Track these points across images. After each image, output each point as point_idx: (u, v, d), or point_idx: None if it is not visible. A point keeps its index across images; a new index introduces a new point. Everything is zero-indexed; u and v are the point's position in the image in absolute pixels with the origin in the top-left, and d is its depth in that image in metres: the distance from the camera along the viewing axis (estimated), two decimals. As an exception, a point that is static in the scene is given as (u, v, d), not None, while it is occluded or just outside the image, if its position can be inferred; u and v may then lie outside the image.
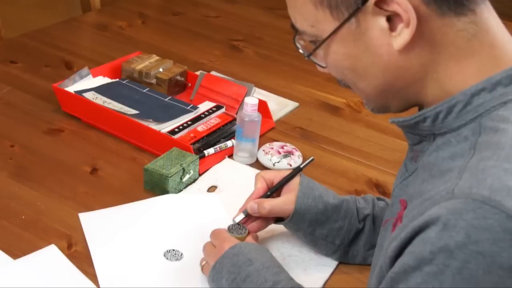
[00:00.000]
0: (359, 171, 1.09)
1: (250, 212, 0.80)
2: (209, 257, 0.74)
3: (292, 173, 0.82)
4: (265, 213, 0.79)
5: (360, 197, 0.85)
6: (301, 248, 0.87)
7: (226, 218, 0.89)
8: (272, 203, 0.79)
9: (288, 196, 0.80)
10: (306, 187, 0.80)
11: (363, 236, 0.81)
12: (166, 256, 0.82)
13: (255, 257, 0.71)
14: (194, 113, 1.12)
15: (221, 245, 0.73)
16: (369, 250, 0.82)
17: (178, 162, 0.96)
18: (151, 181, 0.96)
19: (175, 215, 0.90)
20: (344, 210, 0.81)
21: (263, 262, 0.71)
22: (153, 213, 0.90)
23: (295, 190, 0.80)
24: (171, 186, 0.95)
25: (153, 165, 0.96)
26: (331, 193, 0.82)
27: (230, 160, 1.07)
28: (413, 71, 0.54)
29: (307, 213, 0.79)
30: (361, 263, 0.84)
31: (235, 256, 0.71)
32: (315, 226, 0.80)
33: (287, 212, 0.79)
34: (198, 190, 0.98)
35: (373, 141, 1.18)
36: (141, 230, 0.86)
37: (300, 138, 1.16)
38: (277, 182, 0.82)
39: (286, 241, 0.87)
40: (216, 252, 0.73)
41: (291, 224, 0.81)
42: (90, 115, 1.10)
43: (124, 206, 0.91)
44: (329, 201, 0.80)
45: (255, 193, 0.81)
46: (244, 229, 0.80)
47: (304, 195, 0.79)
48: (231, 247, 0.72)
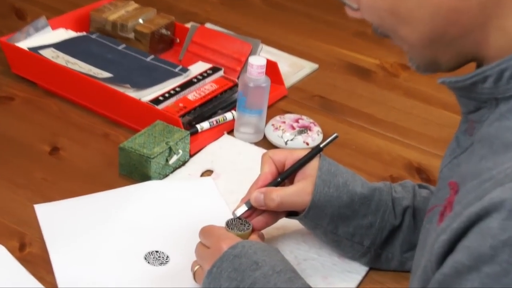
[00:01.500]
0: (395, 152, 1.09)
1: (255, 204, 0.79)
2: (203, 260, 0.74)
3: (309, 154, 0.81)
4: (273, 206, 0.78)
5: (397, 184, 0.85)
6: (320, 249, 0.86)
7: (225, 211, 0.89)
8: (282, 194, 0.78)
9: (304, 184, 0.79)
10: (327, 172, 0.79)
11: (400, 235, 0.81)
12: (147, 259, 0.82)
13: (262, 259, 0.70)
14: (184, 77, 1.13)
15: (218, 244, 0.72)
16: (408, 252, 0.82)
17: (163, 140, 0.96)
18: (128, 163, 0.96)
19: (159, 208, 0.90)
20: (376, 202, 0.80)
21: (272, 265, 0.70)
22: (131, 205, 0.90)
23: (312, 176, 0.79)
24: (154, 170, 0.95)
25: (131, 143, 0.96)
26: (359, 180, 0.82)
27: (230, 137, 1.08)
28: (471, 15, 0.53)
29: (328, 206, 0.78)
30: (398, 269, 0.84)
31: (237, 258, 0.70)
32: (338, 223, 0.80)
33: (302, 204, 0.79)
34: (189, 176, 0.98)
35: (414, 114, 1.18)
36: (115, 226, 0.86)
37: (319, 110, 1.17)
38: (290, 166, 0.81)
39: (302, 240, 0.87)
40: (212, 254, 0.72)
41: (307, 220, 0.80)
42: (49, 78, 1.10)
43: (93, 196, 0.91)
44: (357, 191, 0.80)
45: (261, 180, 0.81)
46: (247, 225, 0.79)
47: (324, 183, 0.78)
48: (231, 247, 0.71)
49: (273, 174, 0.81)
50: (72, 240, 0.83)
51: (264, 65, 1.02)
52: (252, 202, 0.79)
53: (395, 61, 1.29)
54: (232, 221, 0.80)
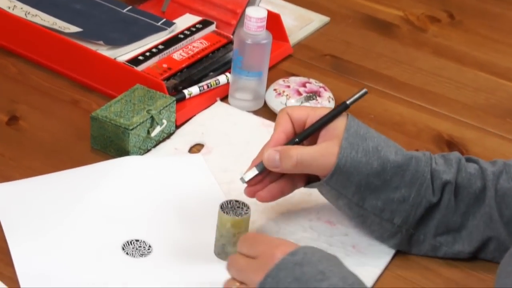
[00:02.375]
0: (422, 122, 1.09)
1: (268, 165, 0.80)
2: (247, 273, 0.72)
3: (333, 111, 0.82)
4: (291, 165, 0.79)
5: (439, 155, 0.86)
6: (331, 237, 0.87)
7: (218, 193, 0.90)
8: (302, 152, 0.80)
9: (328, 144, 0.81)
10: (355, 134, 0.80)
11: (436, 214, 0.82)
12: (125, 249, 0.83)
13: (329, 270, 0.69)
14: (169, 33, 1.13)
15: (270, 251, 0.71)
16: (443, 235, 0.83)
17: (144, 108, 0.97)
18: (102, 136, 0.96)
19: (139, 189, 0.91)
20: (412, 173, 0.81)
21: (342, 276, 0.69)
22: (105, 185, 0.90)
23: (338, 137, 0.80)
24: (133, 144, 0.95)
25: (104, 111, 0.96)
26: (393, 146, 0.83)
27: (224, 105, 1.08)
28: None
29: (355, 173, 0.80)
30: (429, 254, 0.85)
31: (298, 267, 0.69)
32: (366, 194, 0.81)
33: (324, 167, 0.80)
34: (175, 151, 0.99)
35: (445, 76, 1.18)
36: (87, 211, 0.86)
37: (331, 72, 1.17)
38: (311, 124, 0.82)
39: (309, 226, 0.88)
40: (262, 262, 0.71)
41: (329, 188, 0.81)
42: (5, 34, 1.10)
43: (59, 175, 0.91)
44: (389, 158, 0.81)
45: (273, 140, 0.82)
46: (245, 208, 0.80)
47: (351, 146, 0.80)
48: (290, 253, 0.70)
49: (288, 133, 0.82)
50: (35, 227, 0.84)
51: (264, 18, 1.02)
52: (265, 161, 0.80)
53: (422, 13, 1.30)
54: (227, 204, 0.81)
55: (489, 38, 1.29)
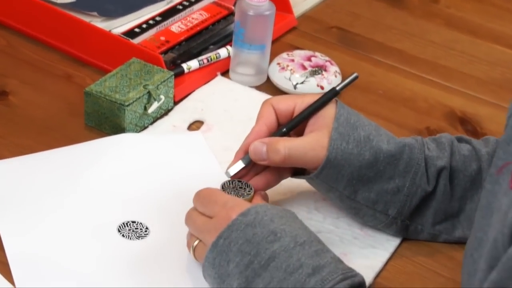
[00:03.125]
0: (433, 98, 1.09)
1: (254, 158, 0.80)
2: (203, 232, 0.74)
3: (322, 98, 0.81)
4: (278, 159, 0.78)
5: (430, 139, 0.85)
6: (337, 219, 0.87)
7: (218, 173, 0.89)
8: (291, 145, 0.79)
9: (316, 135, 0.80)
10: (346, 123, 0.79)
11: (433, 203, 0.82)
12: (121, 232, 0.83)
13: (281, 229, 0.71)
14: (166, 3, 1.13)
15: (223, 212, 0.73)
16: (442, 223, 0.83)
17: (141, 83, 0.97)
18: (96, 112, 0.96)
19: (135, 168, 0.90)
20: (405, 162, 0.81)
21: (294, 235, 0.71)
22: (100, 164, 0.90)
23: (327, 127, 0.79)
24: (128, 120, 0.95)
25: (99, 86, 0.96)
26: (385, 134, 0.82)
27: (225, 80, 1.08)
28: None
29: (346, 166, 0.79)
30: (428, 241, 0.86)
31: (249, 227, 0.70)
32: (358, 187, 0.80)
33: (314, 160, 0.79)
34: (173, 128, 0.99)
35: (458, 50, 1.18)
36: (81, 191, 0.86)
37: (337, 45, 1.16)
38: (298, 114, 0.81)
39: (314, 208, 0.88)
40: (218, 224, 0.72)
41: (319, 181, 0.80)
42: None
43: (51, 153, 0.91)
44: (382, 147, 0.80)
45: (254, 131, 0.81)
46: (247, 188, 0.80)
47: (341, 136, 0.79)
48: (241, 214, 0.71)
49: (270, 126, 0.81)
50: (26, 208, 0.83)
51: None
52: (251, 154, 0.79)
53: (435, -18, 1.31)
54: (229, 184, 0.80)
55: (504, 8, 1.30)
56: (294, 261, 0.68)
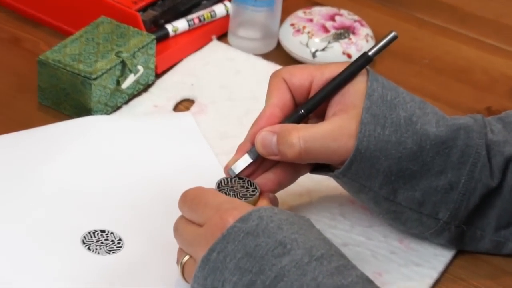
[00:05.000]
0: (496, 69, 1.07)
1: (262, 152, 0.79)
2: (192, 245, 0.74)
3: (348, 69, 0.80)
4: (293, 155, 0.78)
5: (494, 118, 0.85)
6: (370, 227, 0.86)
7: (214, 166, 0.89)
8: (308, 135, 0.78)
9: (341, 120, 0.79)
10: (381, 101, 0.79)
11: (498, 202, 0.82)
12: (87, 244, 0.81)
13: (292, 238, 0.70)
14: None
15: (217, 217, 0.73)
16: (509, 227, 0.83)
17: (112, 49, 0.96)
18: (53, 88, 0.95)
19: (105, 161, 0.90)
20: (461, 150, 0.80)
21: (309, 247, 0.70)
22: (59, 156, 0.90)
23: (356, 107, 0.79)
24: (96, 99, 0.94)
25: (57, 54, 0.94)
26: (433, 114, 0.81)
27: (223, 46, 1.07)
28: None
29: (382, 158, 0.78)
30: (490, 252, 0.84)
31: (250, 237, 0.70)
32: (398, 184, 0.80)
33: (338, 153, 0.78)
34: (155, 109, 0.98)
35: None
36: (35, 190, 0.86)
37: (370, 0, 1.16)
38: (318, 91, 0.81)
39: (339, 213, 0.87)
40: (208, 232, 0.72)
41: (348, 180, 0.80)
42: None
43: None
44: (428, 131, 0.79)
45: (264, 117, 0.81)
46: (251, 188, 0.79)
47: (375, 119, 0.78)
48: (241, 219, 0.71)
49: (285, 107, 0.81)
50: None
51: None
52: (257, 148, 0.79)
53: None
54: (227, 182, 0.79)
55: None
56: (308, 281, 0.67)
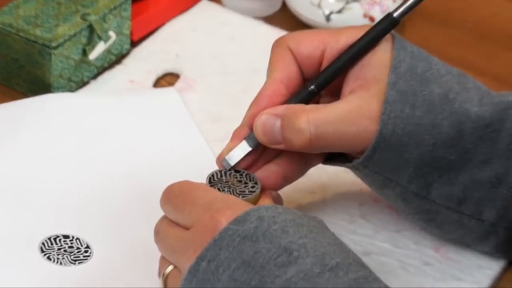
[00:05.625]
0: None
1: (263, 140, 0.75)
2: (176, 252, 0.71)
3: (369, 34, 0.77)
4: (300, 143, 0.74)
5: None
6: (397, 233, 0.82)
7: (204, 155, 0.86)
8: (319, 118, 0.74)
9: (361, 98, 0.75)
10: (409, 74, 0.76)
11: None
12: (46, 252, 0.77)
13: (299, 243, 0.66)
14: None
15: (207, 216, 0.69)
16: None
17: (76, 10, 0.93)
18: (3, 59, 0.94)
19: (70, 149, 0.87)
20: (509, 134, 0.77)
21: (321, 254, 0.66)
22: (12, 143, 0.87)
23: (378, 82, 0.75)
24: (58, 72, 0.91)
25: (8, 16, 0.92)
26: (475, 89, 0.78)
27: (214, 7, 1.06)
28: None
29: (412, 145, 0.75)
30: None
31: (248, 242, 0.66)
32: (432, 177, 0.76)
33: (357, 140, 0.75)
34: (131, 85, 0.95)
35: None
36: None
37: None
38: (331, 63, 0.77)
39: (359, 214, 0.83)
40: (196, 236, 0.69)
41: (369, 172, 0.76)
42: None
43: None
44: (469, 111, 0.75)
45: (266, 93, 0.78)
46: (250, 182, 0.76)
47: (403, 97, 0.74)
48: (236, 220, 0.67)
49: (291, 82, 0.78)
50: None
51: None
52: (257, 135, 0.75)
53: None
54: (221, 176, 0.76)
55: None
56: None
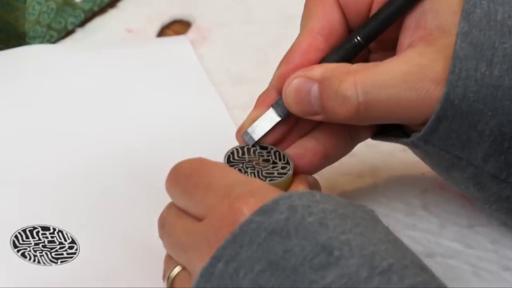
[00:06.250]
0: None
1: (296, 110, 0.70)
2: (186, 249, 0.66)
3: None
4: (347, 112, 0.69)
5: None
6: (469, 228, 0.77)
7: (226, 126, 0.82)
8: (370, 80, 0.69)
9: (422, 54, 0.70)
10: (485, 21, 0.70)
11: None
12: (20, 248, 0.73)
13: (342, 240, 0.61)
14: None
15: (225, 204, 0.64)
16: None
17: None
18: None
19: (50, 117, 0.83)
20: None
21: (370, 254, 0.61)
22: None
23: (446, 33, 0.70)
24: (34, 17, 0.89)
25: None
26: None
27: None
28: None
29: (487, 112, 0.69)
30: None
31: (276, 238, 0.61)
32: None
33: (417, 108, 0.70)
34: (128, 34, 0.91)
35: None
36: None
37: None
38: (382, 6, 0.72)
39: (421, 204, 0.78)
40: (210, 229, 0.64)
41: (432, 148, 0.71)
42: None
43: None
44: None
45: (301, 48, 0.72)
46: (281, 163, 0.72)
47: (477, 52, 0.69)
48: (261, 209, 0.62)
49: (332, 33, 0.73)
50: None
51: None
52: (289, 103, 0.70)
53: None
54: (243, 153, 0.72)
55: None
56: None
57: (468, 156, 0.69)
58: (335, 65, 0.70)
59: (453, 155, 0.69)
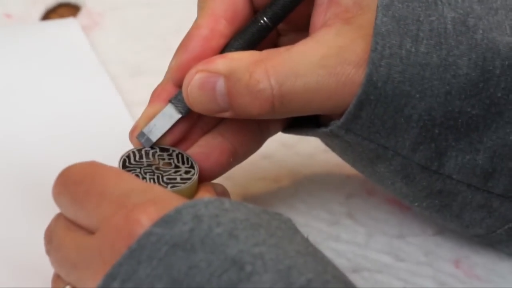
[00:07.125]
0: None
1: (199, 108, 0.68)
2: (76, 266, 0.63)
3: None
4: (261, 108, 0.67)
5: None
6: (400, 238, 0.77)
7: (124, 123, 0.78)
8: (284, 68, 0.67)
9: (339, 34, 0.68)
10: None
11: None
12: None
13: (254, 253, 0.59)
14: None
15: (121, 214, 0.60)
16: None
17: None
18: None
19: None
20: None
21: (285, 268, 0.58)
22: None
23: (364, 8, 0.68)
24: None
25: None
26: (505, 11, 0.74)
27: None
28: None
29: (415, 95, 0.68)
30: None
31: (179, 252, 0.59)
32: (446, 142, 0.70)
33: (337, 96, 0.68)
34: (7, 20, 0.92)
35: None
36: None
37: None
38: None
39: (346, 212, 0.79)
40: (104, 244, 0.61)
41: (353, 138, 0.70)
42: None
43: None
44: (499, 44, 0.70)
45: (201, 32, 0.70)
46: (184, 165, 0.70)
47: (400, 26, 0.69)
48: (162, 219, 0.58)
49: (236, 14, 0.71)
50: None
51: None
52: (191, 102, 0.68)
53: None
54: (140, 156, 0.71)
55: None
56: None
57: (395, 145, 0.67)
58: (241, 53, 0.67)
59: (378, 144, 0.67)
